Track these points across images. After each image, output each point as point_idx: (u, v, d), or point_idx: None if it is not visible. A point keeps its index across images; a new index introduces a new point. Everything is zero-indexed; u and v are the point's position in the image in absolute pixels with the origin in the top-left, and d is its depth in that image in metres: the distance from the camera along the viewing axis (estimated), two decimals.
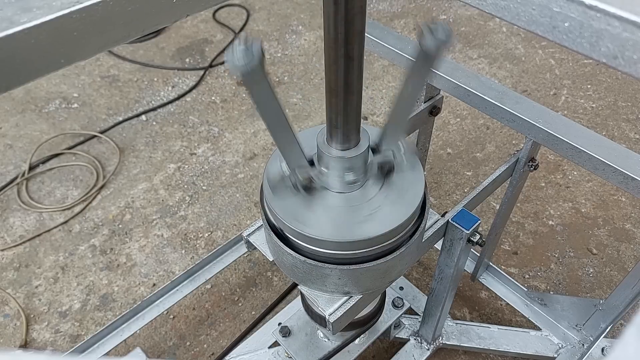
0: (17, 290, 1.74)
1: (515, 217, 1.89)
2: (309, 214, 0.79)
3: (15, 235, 1.91)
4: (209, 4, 0.46)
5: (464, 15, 3.02)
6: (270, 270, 1.77)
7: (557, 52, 2.69)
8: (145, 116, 2.43)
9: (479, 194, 1.07)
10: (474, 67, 2.65)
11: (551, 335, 1.41)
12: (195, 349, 1.57)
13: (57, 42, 0.38)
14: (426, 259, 1.79)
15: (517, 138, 2.22)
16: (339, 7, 0.59)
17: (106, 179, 2.11)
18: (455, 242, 1.00)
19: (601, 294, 1.66)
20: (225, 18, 3.09)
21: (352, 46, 0.63)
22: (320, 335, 1.25)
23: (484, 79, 1.09)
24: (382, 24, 1.24)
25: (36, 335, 1.62)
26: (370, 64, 2.66)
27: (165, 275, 1.77)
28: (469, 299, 1.66)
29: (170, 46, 2.89)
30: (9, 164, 2.19)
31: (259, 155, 2.21)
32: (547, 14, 0.39)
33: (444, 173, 2.09)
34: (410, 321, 1.46)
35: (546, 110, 1.01)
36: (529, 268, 1.74)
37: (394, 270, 0.86)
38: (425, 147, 1.43)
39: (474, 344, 1.42)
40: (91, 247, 1.86)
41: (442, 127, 2.31)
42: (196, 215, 1.97)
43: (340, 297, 0.86)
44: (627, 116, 2.31)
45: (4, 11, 0.37)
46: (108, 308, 1.68)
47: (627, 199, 1.94)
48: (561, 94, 2.46)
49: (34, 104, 2.51)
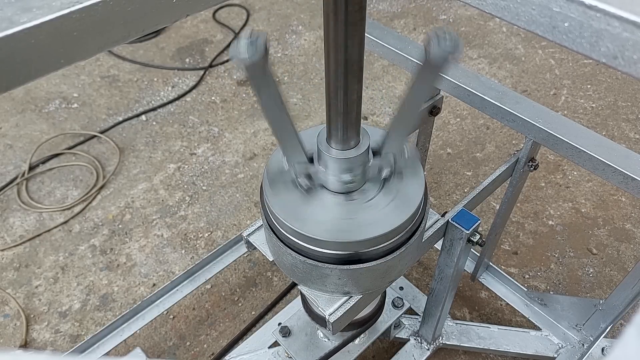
0: (17, 290, 1.74)
1: (515, 217, 1.89)
2: (309, 214, 0.79)
3: (15, 235, 1.91)
4: (209, 4, 0.46)
5: (464, 15, 3.02)
6: (270, 270, 1.77)
7: (557, 52, 2.69)
8: (145, 116, 2.43)
9: (479, 194, 1.07)
10: (474, 67, 2.65)
11: (551, 335, 1.40)
12: (195, 349, 1.57)
13: (57, 42, 0.38)
14: (426, 259, 1.79)
15: (517, 138, 2.22)
16: (338, 7, 0.59)
17: (106, 179, 2.11)
18: (455, 242, 1.00)
19: (601, 294, 1.66)
20: (225, 18, 3.09)
21: (352, 46, 0.63)
22: (320, 335, 1.25)
23: (484, 79, 1.09)
24: (382, 24, 1.24)
25: (36, 335, 1.62)
26: (370, 64, 2.66)
27: (165, 275, 1.77)
28: (469, 299, 1.66)
29: (170, 46, 2.89)
30: (9, 164, 2.19)
31: (258, 155, 2.21)
32: (547, 14, 0.39)
33: (444, 173, 2.09)
34: (410, 321, 1.46)
35: (546, 110, 1.01)
36: (529, 268, 1.74)
37: (394, 270, 0.86)
38: (425, 147, 1.43)
39: (474, 344, 1.42)
40: (91, 247, 1.86)
41: (442, 127, 2.31)
42: (196, 215, 1.97)
43: (340, 297, 0.86)
44: (627, 116, 2.31)
45: (4, 11, 0.37)
46: (108, 308, 1.68)
47: (627, 199, 1.93)
48: (561, 94, 2.46)
49: (34, 104, 2.51)
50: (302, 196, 0.81)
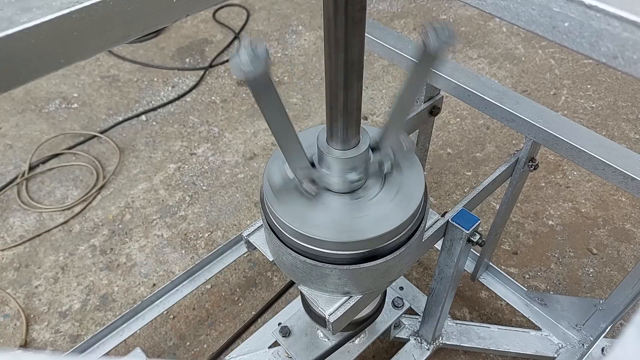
0: (17, 290, 1.74)
1: (515, 217, 1.89)
2: (309, 214, 0.79)
3: (15, 235, 1.91)
4: (209, 4, 0.46)
5: (464, 15, 3.02)
6: (270, 270, 1.77)
7: (557, 52, 2.69)
8: (145, 116, 2.43)
9: (479, 194, 1.07)
10: (474, 67, 2.65)
11: (551, 335, 1.41)
12: (195, 349, 1.57)
13: (57, 42, 0.38)
14: (426, 259, 1.79)
15: (517, 138, 2.22)
16: (339, 7, 0.59)
17: (106, 179, 2.11)
18: (455, 242, 1.00)
19: (601, 294, 1.66)
20: (225, 18, 3.09)
21: (352, 46, 0.63)
22: (320, 335, 1.25)
23: (484, 79, 1.09)
24: (382, 24, 1.24)
25: (36, 335, 1.62)
26: (370, 64, 2.66)
27: (165, 275, 1.77)
28: (469, 299, 1.66)
29: (170, 46, 2.89)
30: (9, 164, 2.19)
31: (259, 155, 2.21)
32: (547, 14, 0.39)
33: (444, 173, 2.09)
34: (410, 321, 1.46)
35: (546, 110, 1.01)
36: (529, 268, 1.74)
37: (394, 270, 0.86)
38: (425, 147, 1.43)
39: (474, 344, 1.42)
40: (91, 247, 1.86)
41: (442, 127, 2.31)
42: (196, 215, 1.97)
43: (340, 297, 0.86)
44: (627, 116, 2.31)
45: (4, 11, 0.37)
46: (108, 308, 1.68)
47: (627, 199, 1.93)
48: (561, 94, 2.46)
49: (34, 104, 2.51)
50: (308, 201, 0.81)
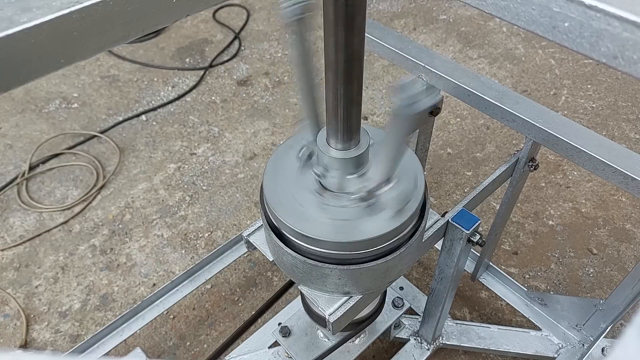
0: (17, 290, 1.74)
1: (515, 217, 1.89)
2: (309, 213, 0.79)
3: (15, 235, 1.91)
4: (209, 4, 0.46)
5: (464, 15, 3.02)
6: (270, 270, 1.77)
7: (557, 52, 2.69)
8: (145, 116, 2.43)
9: (479, 194, 1.07)
10: (474, 67, 2.65)
11: (551, 335, 1.40)
12: (195, 349, 1.57)
13: (57, 42, 0.38)
14: (426, 259, 1.79)
15: (517, 138, 2.22)
16: (338, 7, 0.59)
17: (106, 179, 2.11)
18: (455, 242, 1.00)
19: (601, 294, 1.66)
20: (225, 18, 3.09)
21: (352, 46, 0.63)
22: (320, 335, 1.25)
23: (484, 79, 1.09)
24: (382, 24, 1.24)
25: (36, 335, 1.62)
26: (370, 64, 2.66)
27: (165, 275, 1.77)
28: (469, 299, 1.66)
29: (170, 46, 2.89)
30: (9, 164, 2.19)
31: (259, 155, 2.21)
32: (547, 14, 0.39)
33: (444, 173, 2.09)
34: (410, 321, 1.46)
35: (546, 110, 1.01)
36: (529, 268, 1.74)
37: (394, 271, 0.86)
38: (425, 147, 1.43)
39: (474, 344, 1.42)
40: (91, 247, 1.86)
41: (442, 127, 2.30)
42: (196, 215, 1.97)
43: (340, 297, 0.86)
44: (627, 116, 2.31)
45: (4, 11, 0.37)
46: (108, 308, 1.68)
47: (627, 199, 1.93)
48: (561, 94, 2.46)
49: (34, 104, 2.51)
50: (304, 197, 0.81)
